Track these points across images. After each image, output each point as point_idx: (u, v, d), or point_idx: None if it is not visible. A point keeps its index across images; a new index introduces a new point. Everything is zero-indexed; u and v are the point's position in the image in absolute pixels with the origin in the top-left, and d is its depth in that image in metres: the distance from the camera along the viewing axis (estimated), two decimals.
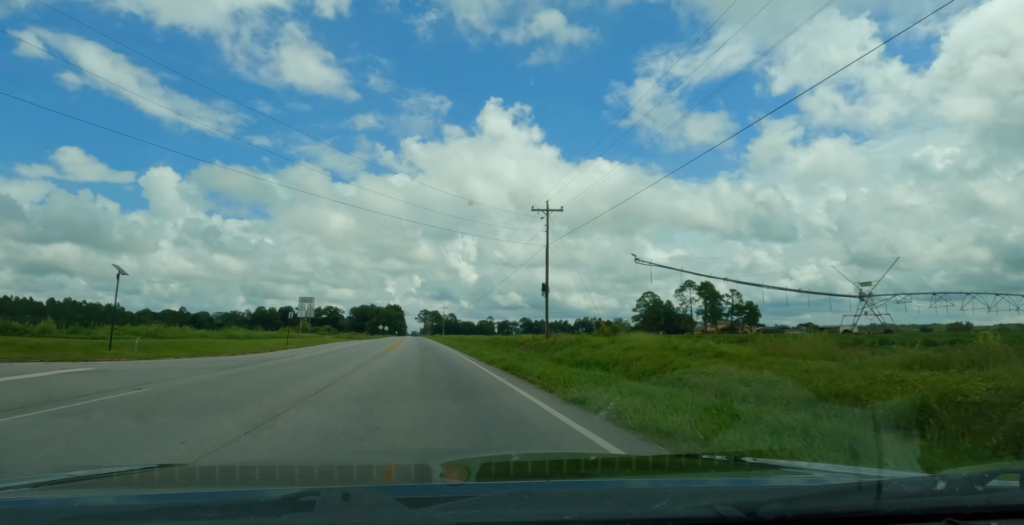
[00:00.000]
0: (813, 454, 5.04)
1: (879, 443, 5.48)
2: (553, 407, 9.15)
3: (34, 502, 1.56)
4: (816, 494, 1.48)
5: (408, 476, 2.21)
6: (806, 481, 1.71)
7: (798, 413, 7.00)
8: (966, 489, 1.34)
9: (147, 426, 7.08)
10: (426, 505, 1.30)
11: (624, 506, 1.35)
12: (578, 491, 1.59)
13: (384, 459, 3.31)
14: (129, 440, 6.17)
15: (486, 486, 1.75)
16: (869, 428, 6.01)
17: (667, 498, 1.36)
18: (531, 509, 1.33)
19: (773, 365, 11.97)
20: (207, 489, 1.89)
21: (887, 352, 15.06)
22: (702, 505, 1.30)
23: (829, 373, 9.53)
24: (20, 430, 6.71)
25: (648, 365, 14.49)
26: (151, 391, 10.83)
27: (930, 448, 5.44)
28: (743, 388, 9.41)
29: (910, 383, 7.46)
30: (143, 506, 1.48)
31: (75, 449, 5.72)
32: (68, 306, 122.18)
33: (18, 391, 10.36)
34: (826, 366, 10.94)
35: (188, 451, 5.62)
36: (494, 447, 5.90)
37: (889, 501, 1.31)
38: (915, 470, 4.14)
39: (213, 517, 1.30)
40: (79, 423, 7.24)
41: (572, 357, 20.10)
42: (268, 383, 12.88)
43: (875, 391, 7.58)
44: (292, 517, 1.25)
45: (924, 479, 1.41)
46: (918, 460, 4.79)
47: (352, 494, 1.30)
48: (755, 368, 11.40)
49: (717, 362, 13.34)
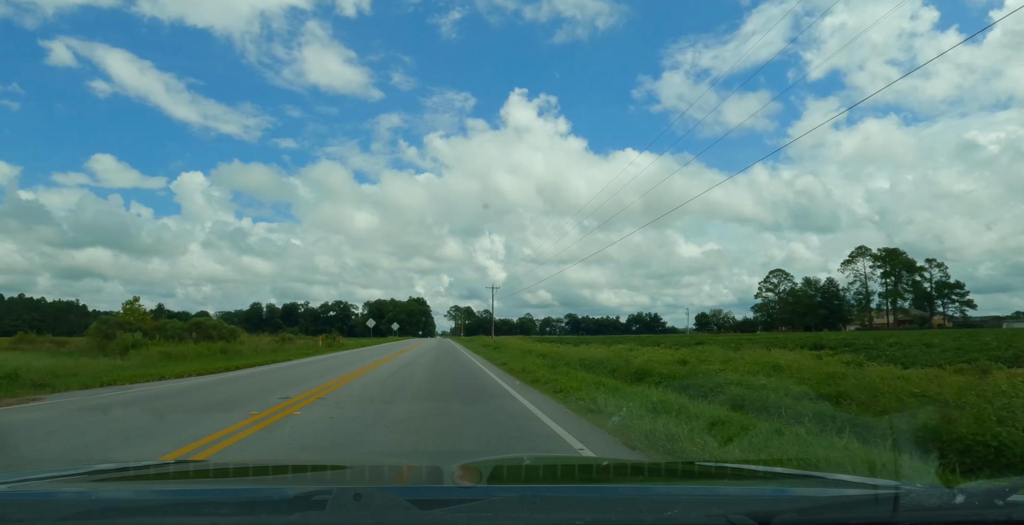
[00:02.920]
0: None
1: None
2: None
3: (54, 494, 1.59)
4: (831, 505, 1.45)
5: (420, 477, 2.22)
6: (821, 491, 1.68)
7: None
8: (986, 503, 1.31)
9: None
10: (437, 507, 1.30)
11: (636, 512, 1.34)
12: (589, 496, 1.58)
13: (396, 460, 3.32)
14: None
15: (497, 489, 1.75)
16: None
17: (679, 505, 1.35)
18: (542, 513, 1.32)
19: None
20: (221, 486, 1.91)
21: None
22: (714, 513, 1.29)
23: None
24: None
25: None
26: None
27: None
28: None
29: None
30: (159, 501, 1.51)
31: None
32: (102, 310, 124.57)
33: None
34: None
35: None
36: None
37: (906, 514, 1.29)
38: (932, 483, 4.07)
39: (227, 513, 1.31)
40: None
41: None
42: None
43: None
44: (304, 516, 1.26)
45: (943, 492, 1.38)
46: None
47: (364, 494, 1.30)
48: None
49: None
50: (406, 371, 17.90)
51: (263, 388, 12.86)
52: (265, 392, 11.87)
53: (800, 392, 8.79)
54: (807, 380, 10.31)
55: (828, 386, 9.35)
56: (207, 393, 11.88)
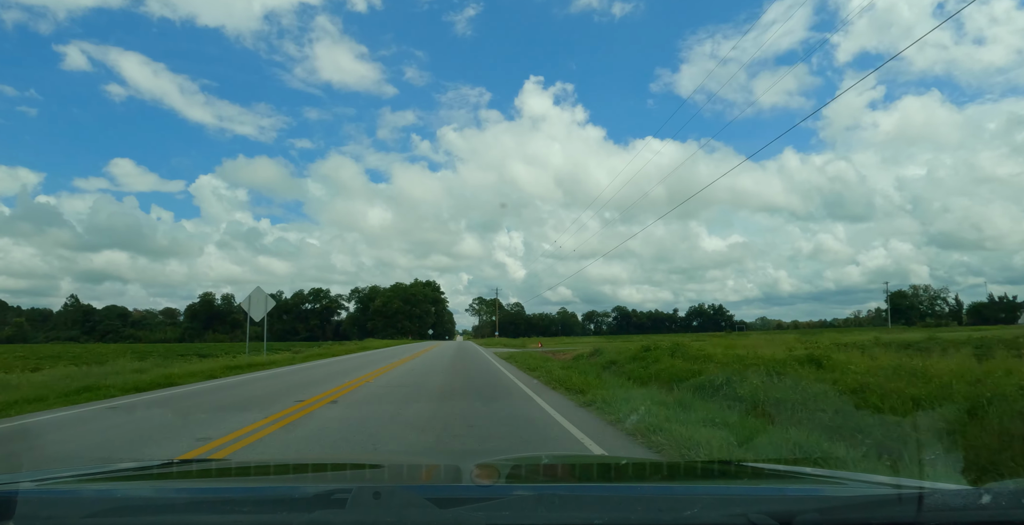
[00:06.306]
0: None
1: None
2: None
3: (78, 492, 1.62)
4: (854, 505, 1.42)
5: (439, 476, 2.22)
6: (843, 491, 1.65)
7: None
8: (1013, 503, 1.28)
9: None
10: (456, 505, 1.30)
11: (655, 512, 1.33)
12: (608, 495, 1.57)
13: (415, 459, 3.34)
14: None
15: (516, 488, 1.75)
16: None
17: (699, 505, 1.33)
18: (561, 512, 1.32)
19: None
20: (242, 484, 1.93)
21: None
22: (735, 513, 1.27)
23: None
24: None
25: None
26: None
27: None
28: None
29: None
30: (181, 499, 1.53)
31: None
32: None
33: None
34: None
35: None
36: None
37: (931, 514, 1.26)
38: (959, 482, 4.00)
39: (248, 511, 1.33)
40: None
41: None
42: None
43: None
44: (324, 514, 1.27)
45: (968, 492, 1.35)
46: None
47: (383, 493, 1.31)
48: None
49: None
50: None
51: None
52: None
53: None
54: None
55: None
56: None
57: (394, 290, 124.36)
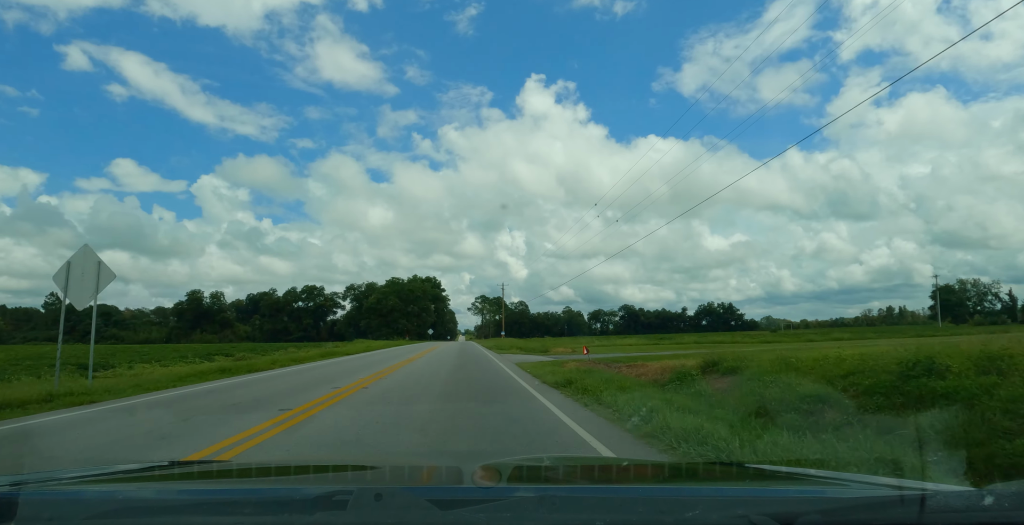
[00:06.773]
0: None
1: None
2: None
3: (81, 494, 1.62)
4: (856, 506, 1.42)
5: (440, 478, 2.22)
6: (845, 493, 1.65)
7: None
8: (1016, 505, 1.28)
9: None
10: (457, 507, 1.31)
11: (656, 513, 1.33)
12: (609, 496, 1.57)
13: (416, 460, 3.34)
14: None
15: (517, 489, 1.75)
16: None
17: (700, 506, 1.33)
18: (562, 513, 1.32)
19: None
20: (244, 485, 1.94)
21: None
22: (736, 514, 1.27)
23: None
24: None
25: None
26: None
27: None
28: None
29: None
30: (183, 501, 1.53)
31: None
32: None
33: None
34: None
35: None
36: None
37: (933, 516, 1.25)
38: (960, 484, 3.99)
39: (250, 513, 1.33)
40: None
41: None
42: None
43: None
44: (325, 515, 1.28)
45: (971, 493, 1.34)
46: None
47: (384, 494, 1.31)
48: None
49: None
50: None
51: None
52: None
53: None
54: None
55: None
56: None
57: (390, 286, 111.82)
